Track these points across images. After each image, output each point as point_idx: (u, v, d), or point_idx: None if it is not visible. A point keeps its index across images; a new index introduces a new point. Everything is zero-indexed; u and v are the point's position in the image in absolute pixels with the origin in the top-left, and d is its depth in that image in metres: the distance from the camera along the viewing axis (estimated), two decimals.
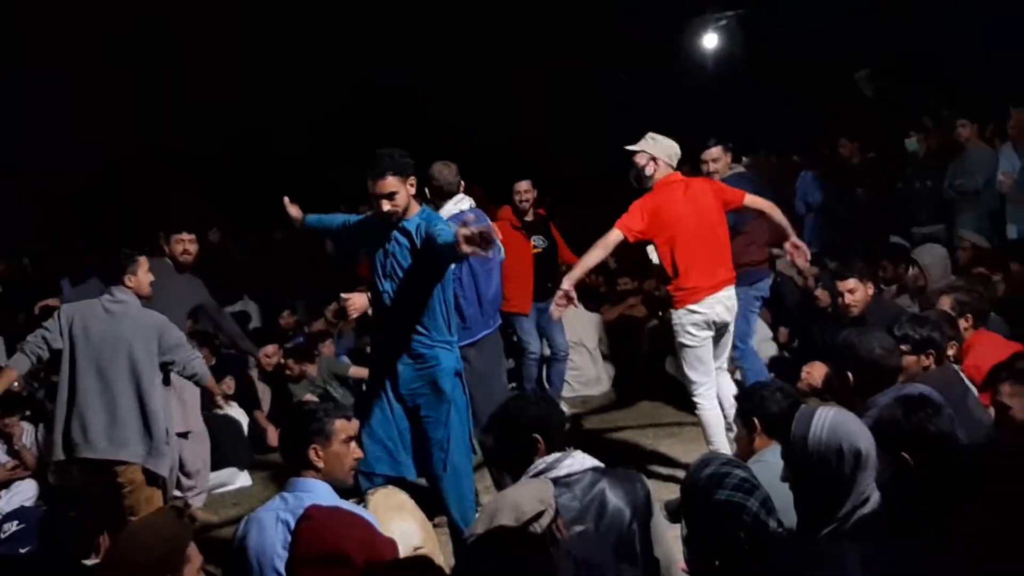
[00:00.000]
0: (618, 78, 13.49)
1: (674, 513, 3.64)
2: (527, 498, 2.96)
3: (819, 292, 7.82)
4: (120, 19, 12.73)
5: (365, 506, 4.01)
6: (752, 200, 5.79)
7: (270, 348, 8.21)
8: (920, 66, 11.57)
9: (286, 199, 5.22)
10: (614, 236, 5.50)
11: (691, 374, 5.62)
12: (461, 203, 5.72)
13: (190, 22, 13.28)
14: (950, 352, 4.57)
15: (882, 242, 8.82)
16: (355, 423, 3.58)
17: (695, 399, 5.62)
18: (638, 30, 12.88)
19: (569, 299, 5.43)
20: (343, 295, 4.90)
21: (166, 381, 5.25)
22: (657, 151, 5.68)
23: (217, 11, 13.35)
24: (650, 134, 5.75)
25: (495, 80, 14.04)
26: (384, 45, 14.06)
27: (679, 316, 5.57)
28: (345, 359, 8.49)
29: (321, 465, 3.39)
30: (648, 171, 5.68)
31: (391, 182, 4.50)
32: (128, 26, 12.90)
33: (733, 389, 5.73)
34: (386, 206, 4.52)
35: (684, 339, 5.58)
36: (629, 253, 7.02)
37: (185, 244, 6.15)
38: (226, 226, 12.89)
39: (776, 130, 12.08)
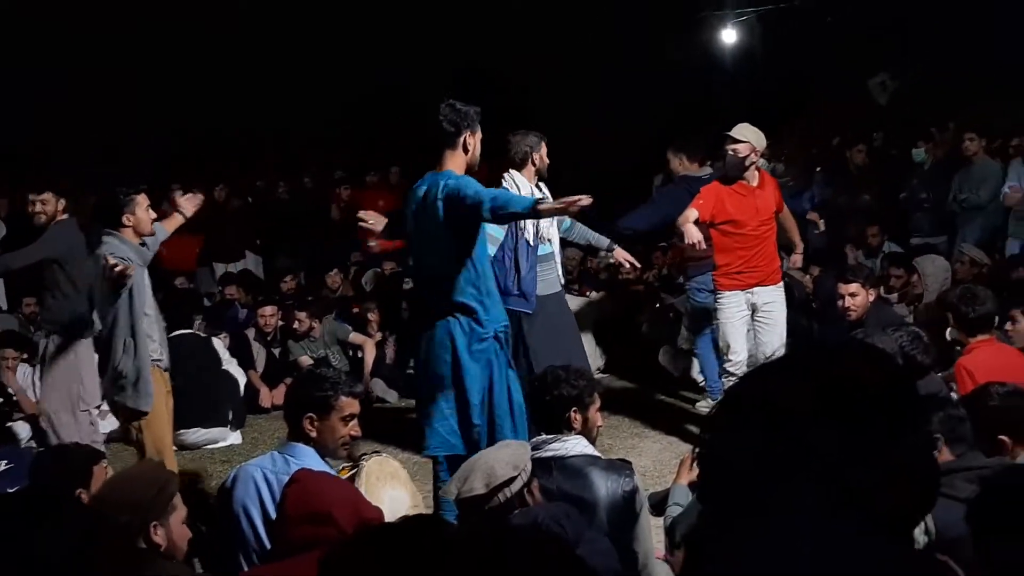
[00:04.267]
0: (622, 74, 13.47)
1: (657, 506, 3.69)
2: (502, 463, 3.01)
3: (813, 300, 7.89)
4: (120, 19, 12.76)
5: (359, 472, 4.06)
6: None
7: (268, 309, 8.25)
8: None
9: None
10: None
11: (735, 345, 6.15)
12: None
13: (190, 22, 13.30)
14: None
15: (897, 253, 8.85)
16: (357, 402, 3.57)
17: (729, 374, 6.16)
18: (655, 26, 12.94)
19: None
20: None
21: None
22: (758, 143, 6.05)
23: (218, 11, 13.36)
24: (746, 124, 6.03)
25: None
26: (387, 46, 14.05)
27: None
28: (346, 325, 8.51)
29: (313, 435, 3.42)
30: (748, 161, 6.00)
31: None
32: (128, 26, 12.92)
33: None
34: None
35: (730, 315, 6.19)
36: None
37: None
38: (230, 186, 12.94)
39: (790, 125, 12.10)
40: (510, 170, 5.63)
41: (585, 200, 4.05)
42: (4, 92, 11.53)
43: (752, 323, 6.25)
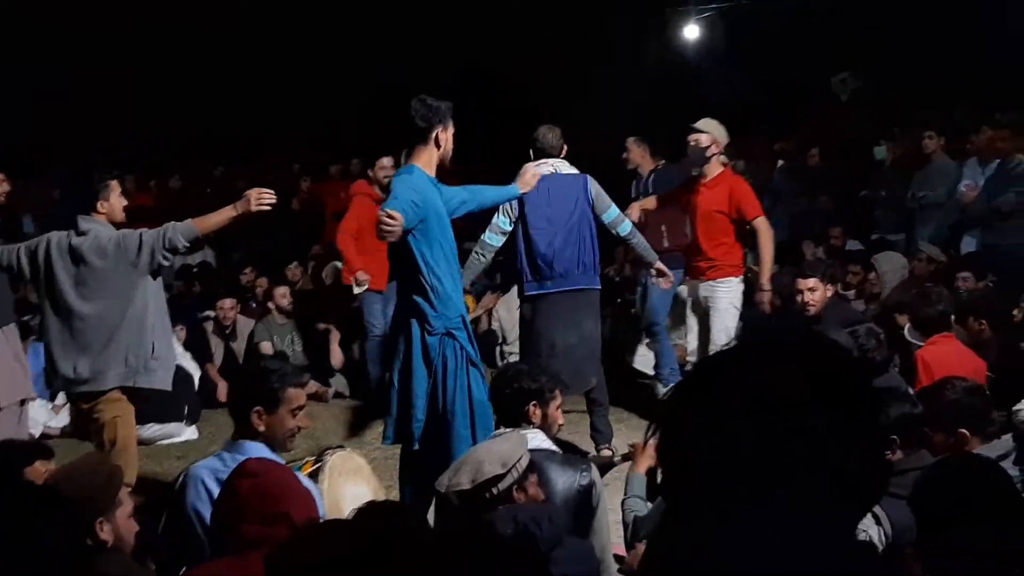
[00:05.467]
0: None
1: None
2: (492, 459, 2.98)
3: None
4: (120, 19, 12.63)
5: (322, 468, 4.02)
6: None
7: (227, 302, 8.17)
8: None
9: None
10: (766, 224, 6.36)
11: (731, 334, 6.18)
12: (542, 166, 5.72)
13: (190, 22, 13.19)
14: None
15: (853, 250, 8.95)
16: (304, 393, 3.55)
17: None
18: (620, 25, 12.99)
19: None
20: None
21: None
22: (719, 135, 6.26)
23: (218, 11, 13.26)
24: (709, 118, 6.29)
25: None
26: (388, 47, 14.01)
27: (738, 283, 6.41)
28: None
29: (262, 428, 3.38)
30: (710, 152, 6.22)
31: None
32: (128, 26, 12.79)
33: None
34: None
35: (739, 304, 6.37)
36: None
37: None
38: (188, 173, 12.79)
39: (753, 122, 12.19)
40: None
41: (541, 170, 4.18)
42: (4, 92, 11.43)
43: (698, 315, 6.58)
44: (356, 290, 7.11)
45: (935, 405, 3.53)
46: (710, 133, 6.24)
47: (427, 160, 4.45)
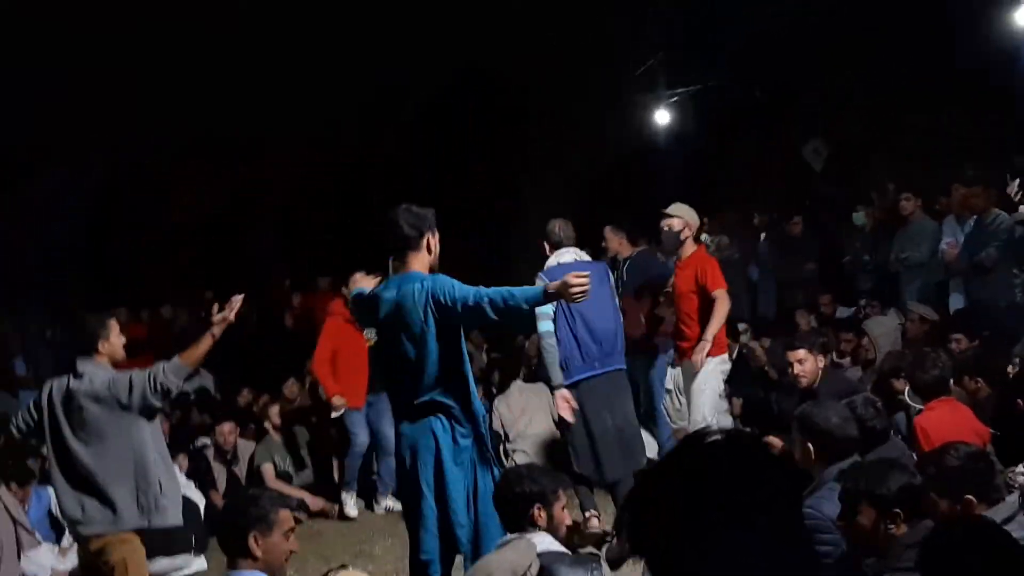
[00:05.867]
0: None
1: (614, 562, 3.67)
2: (502, 568, 2.98)
3: (768, 369, 7.97)
4: (120, 19, 12.68)
5: None
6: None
7: (227, 426, 8.15)
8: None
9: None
10: (725, 297, 6.24)
11: (708, 416, 6.18)
12: (563, 256, 5.98)
13: (190, 22, 13.23)
14: None
15: (843, 318, 9.02)
16: (292, 515, 3.52)
17: None
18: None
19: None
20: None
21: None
22: (690, 219, 6.45)
23: (218, 11, 13.30)
24: (680, 203, 6.49)
25: None
26: (387, 47, 14.03)
27: (717, 363, 6.33)
28: None
29: (259, 554, 3.33)
30: (683, 236, 6.40)
31: None
32: (128, 26, 12.84)
33: None
34: None
35: (717, 386, 6.33)
36: None
37: None
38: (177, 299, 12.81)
39: (729, 201, 12.35)
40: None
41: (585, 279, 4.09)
42: (4, 92, 11.35)
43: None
44: (334, 414, 7.56)
45: (938, 472, 3.52)
46: (681, 217, 6.43)
47: (422, 266, 4.39)
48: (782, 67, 11.74)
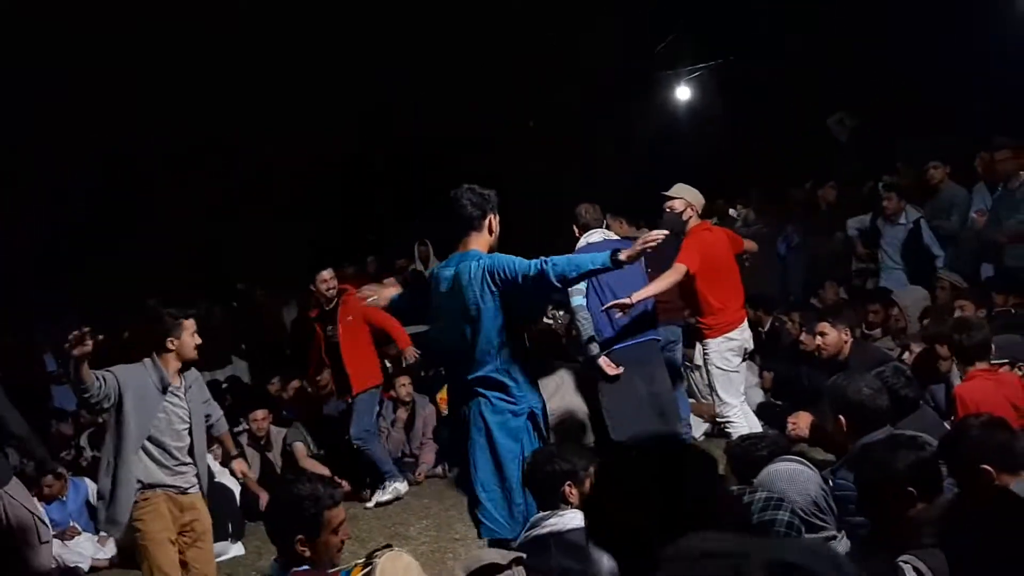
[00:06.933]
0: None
1: None
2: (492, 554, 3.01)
3: (804, 337, 7.88)
4: (120, 19, 12.71)
5: (372, 571, 4.00)
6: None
7: (259, 413, 8.22)
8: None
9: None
10: (678, 270, 6.01)
11: (725, 396, 6.21)
12: (592, 236, 6.17)
13: (190, 22, 13.25)
14: None
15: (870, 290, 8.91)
16: (342, 509, 3.44)
17: (727, 420, 6.21)
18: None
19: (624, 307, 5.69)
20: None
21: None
22: (693, 199, 6.38)
23: (218, 11, 13.31)
24: (681, 184, 6.45)
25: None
26: (387, 50, 14.02)
27: (718, 344, 6.22)
28: None
29: (308, 555, 3.28)
30: (686, 216, 6.34)
31: None
32: (128, 26, 12.87)
33: (754, 418, 6.38)
34: None
35: (722, 364, 6.21)
36: None
37: None
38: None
39: (754, 175, 12.24)
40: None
41: (659, 235, 4.16)
42: (4, 92, 11.38)
43: None
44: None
45: (957, 448, 3.44)
46: (683, 198, 6.37)
47: (483, 246, 4.41)
48: (806, 40, 11.63)
